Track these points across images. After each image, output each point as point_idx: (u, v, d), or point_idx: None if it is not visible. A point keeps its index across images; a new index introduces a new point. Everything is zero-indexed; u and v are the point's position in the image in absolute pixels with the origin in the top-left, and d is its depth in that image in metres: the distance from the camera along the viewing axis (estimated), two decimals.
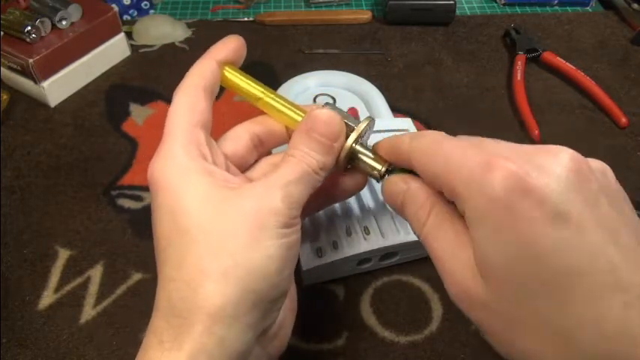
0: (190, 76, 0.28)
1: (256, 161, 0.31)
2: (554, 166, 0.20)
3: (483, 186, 0.20)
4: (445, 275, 0.24)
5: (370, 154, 0.28)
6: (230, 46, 0.29)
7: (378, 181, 0.29)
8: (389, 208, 0.41)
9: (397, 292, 0.41)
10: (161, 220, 0.25)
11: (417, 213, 0.25)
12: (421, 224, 0.25)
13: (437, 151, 0.24)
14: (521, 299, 0.20)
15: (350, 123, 0.28)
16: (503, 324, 0.21)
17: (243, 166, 0.30)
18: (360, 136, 0.28)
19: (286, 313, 0.29)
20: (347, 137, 0.28)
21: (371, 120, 0.29)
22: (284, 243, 0.24)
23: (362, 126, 0.28)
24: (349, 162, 0.29)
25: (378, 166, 0.28)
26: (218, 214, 0.24)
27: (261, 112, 0.31)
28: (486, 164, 0.21)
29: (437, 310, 0.40)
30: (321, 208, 0.32)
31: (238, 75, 0.29)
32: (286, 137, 0.30)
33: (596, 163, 0.22)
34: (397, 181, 0.27)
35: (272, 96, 0.29)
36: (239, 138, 0.29)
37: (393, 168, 0.28)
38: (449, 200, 0.24)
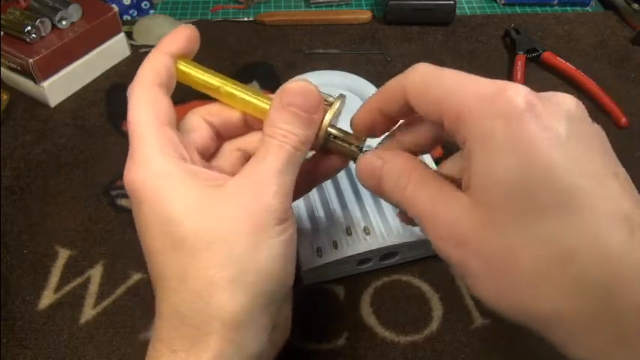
0: (143, 73, 0.26)
1: (217, 148, 0.30)
2: (559, 100, 0.21)
3: (498, 103, 0.20)
4: (433, 224, 0.23)
5: (344, 134, 0.27)
6: (182, 37, 0.27)
7: (353, 159, 0.28)
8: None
9: (397, 292, 0.41)
10: (152, 233, 0.24)
11: (397, 180, 0.24)
12: (402, 188, 0.24)
13: (442, 76, 0.23)
14: (525, 219, 0.20)
15: (325, 98, 0.27)
16: (499, 253, 0.21)
17: (207, 156, 0.29)
18: (335, 114, 0.27)
19: (286, 304, 0.29)
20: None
21: (344, 97, 0.28)
22: (284, 239, 0.24)
23: (337, 104, 0.27)
24: (325, 142, 0.28)
25: (356, 143, 0.27)
26: (213, 220, 0.23)
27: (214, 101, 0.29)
28: (501, 86, 0.21)
29: (437, 310, 0.40)
30: (303, 193, 0.31)
31: (194, 67, 0.27)
32: (244, 127, 0.29)
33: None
34: (371, 158, 0.25)
35: (232, 85, 0.27)
36: (199, 128, 0.28)
37: (365, 146, 0.27)
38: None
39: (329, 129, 0.27)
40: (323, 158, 0.29)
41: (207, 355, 0.22)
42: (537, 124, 0.20)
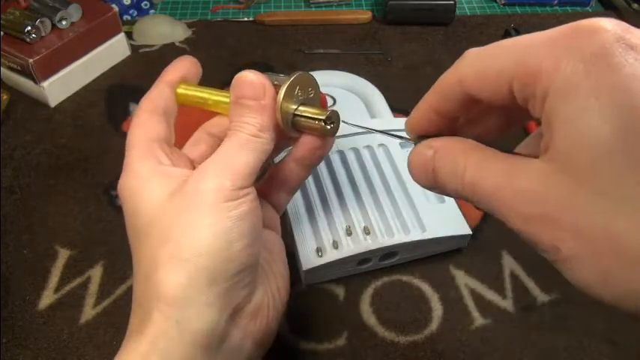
0: (144, 103, 0.29)
1: None
2: None
3: (576, 43, 0.17)
4: (509, 199, 0.19)
5: (308, 108, 0.27)
6: (180, 67, 0.30)
7: (326, 134, 0.28)
8: (382, 205, 0.41)
9: (397, 292, 0.41)
10: (127, 229, 0.27)
11: (454, 164, 0.22)
12: (462, 171, 0.21)
13: (499, 44, 0.21)
14: (630, 182, 0.16)
15: (277, 81, 0.27)
16: (601, 229, 0.17)
17: None
18: (291, 91, 0.27)
19: (268, 293, 0.29)
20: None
21: (299, 74, 0.27)
22: (231, 216, 0.25)
23: (286, 82, 0.27)
24: (295, 124, 0.28)
25: (320, 116, 0.27)
26: (165, 207, 0.25)
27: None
28: (577, 23, 0.18)
29: (437, 310, 0.40)
30: (300, 181, 0.32)
31: (192, 89, 0.30)
32: None
33: None
34: (422, 150, 0.23)
35: (219, 94, 0.30)
36: (200, 141, 0.31)
37: (333, 115, 0.27)
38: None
39: (283, 107, 0.27)
40: (299, 140, 0.29)
41: (148, 331, 0.24)
42: (633, 60, 0.16)
